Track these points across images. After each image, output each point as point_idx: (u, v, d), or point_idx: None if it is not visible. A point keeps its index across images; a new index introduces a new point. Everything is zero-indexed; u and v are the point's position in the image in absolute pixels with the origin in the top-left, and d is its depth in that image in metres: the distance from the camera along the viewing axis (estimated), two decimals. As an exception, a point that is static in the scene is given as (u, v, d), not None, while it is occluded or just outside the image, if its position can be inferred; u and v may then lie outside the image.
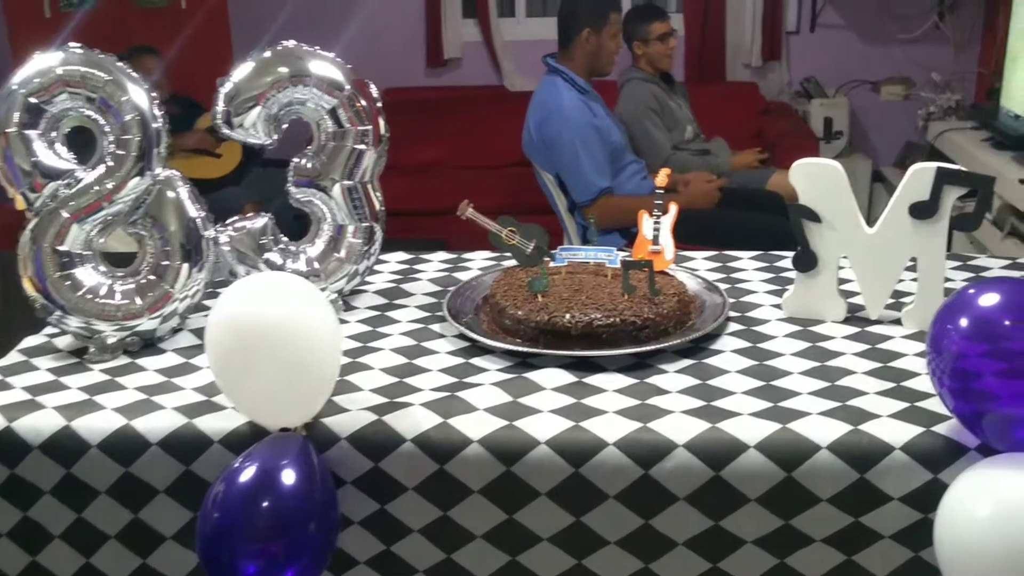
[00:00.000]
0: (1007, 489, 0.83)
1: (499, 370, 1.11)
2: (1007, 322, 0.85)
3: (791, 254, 1.43)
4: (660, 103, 3.69)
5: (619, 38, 3.23)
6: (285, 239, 1.31)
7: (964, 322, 0.87)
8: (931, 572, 0.91)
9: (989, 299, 0.87)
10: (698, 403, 1.01)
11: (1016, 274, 1.33)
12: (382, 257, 1.52)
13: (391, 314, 1.30)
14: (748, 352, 1.13)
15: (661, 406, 1.01)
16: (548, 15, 4.79)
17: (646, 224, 1.31)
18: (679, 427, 0.96)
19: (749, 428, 0.95)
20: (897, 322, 1.18)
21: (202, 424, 1.02)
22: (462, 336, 1.19)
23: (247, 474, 0.94)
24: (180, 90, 3.83)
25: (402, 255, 1.55)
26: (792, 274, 1.35)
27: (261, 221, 1.29)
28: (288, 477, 0.94)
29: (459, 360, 1.15)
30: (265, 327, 0.95)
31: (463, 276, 1.44)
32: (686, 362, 1.12)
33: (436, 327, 1.25)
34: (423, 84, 4.80)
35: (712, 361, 1.11)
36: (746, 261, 1.46)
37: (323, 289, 1.30)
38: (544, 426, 0.98)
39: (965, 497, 0.85)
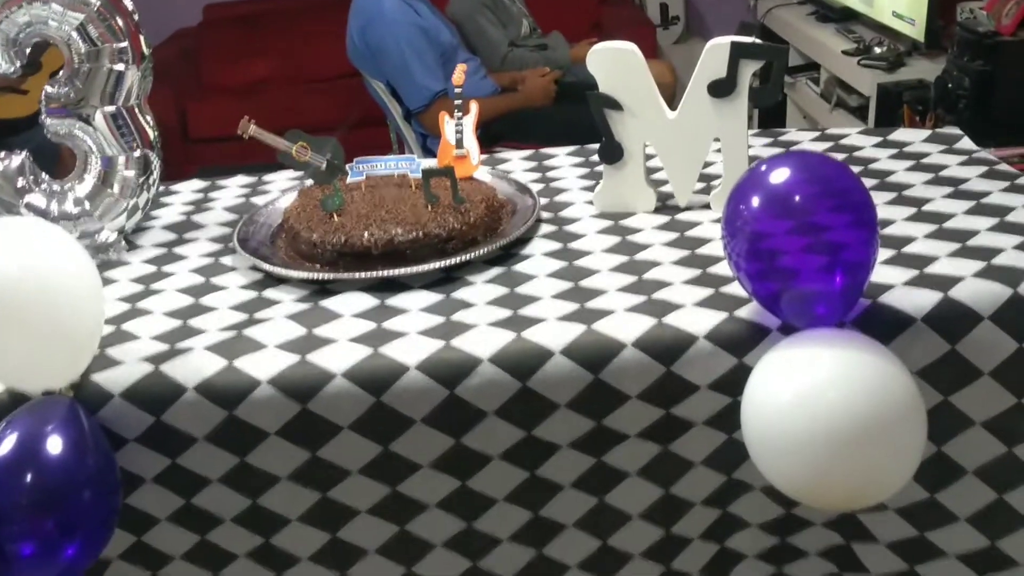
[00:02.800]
0: (806, 368, 0.82)
1: (294, 300, 1.03)
2: (798, 197, 0.83)
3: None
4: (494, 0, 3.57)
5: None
6: (47, 177, 1.17)
7: (757, 200, 0.84)
8: (746, 452, 0.90)
9: (781, 174, 0.84)
10: (505, 313, 0.96)
11: (824, 145, 1.32)
12: (174, 187, 1.40)
13: (179, 250, 1.19)
14: (558, 254, 1.08)
15: (466, 321, 0.95)
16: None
17: (448, 126, 1.23)
18: (484, 341, 0.91)
19: (554, 334, 0.91)
20: (706, 207, 1.16)
21: (-49, 396, 0.90)
22: (255, 268, 1.09)
23: (6, 446, 0.84)
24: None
25: (197, 183, 1.42)
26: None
27: (16, 160, 1.14)
28: (54, 445, 0.85)
29: (251, 294, 1.05)
30: (6, 283, 0.84)
31: (262, 201, 1.33)
32: (495, 271, 1.06)
33: (228, 260, 1.15)
34: (244, -2, 4.49)
35: (521, 267, 1.06)
36: (562, 158, 1.41)
37: (100, 230, 1.17)
38: (340, 357, 0.91)
39: (767, 379, 0.83)
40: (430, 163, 1.23)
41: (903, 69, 2.65)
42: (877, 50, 2.75)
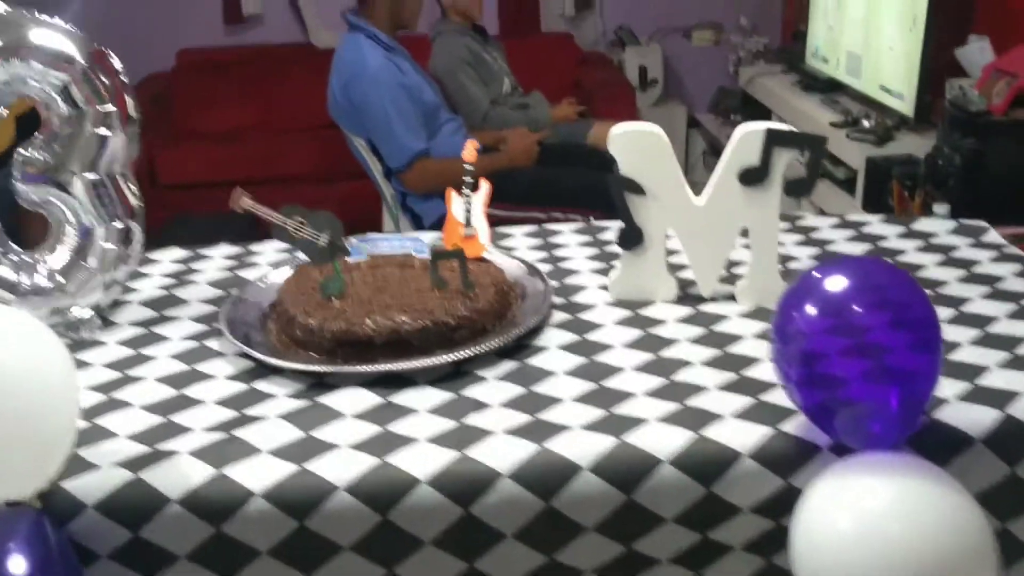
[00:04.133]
0: (865, 497, 0.74)
1: (289, 395, 0.94)
2: (856, 311, 0.76)
3: (615, 224, 1.33)
4: (474, 55, 3.54)
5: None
6: (16, 248, 1.07)
7: (811, 310, 0.77)
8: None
9: (837, 283, 0.77)
10: (523, 418, 0.88)
11: (847, 232, 1.27)
12: (153, 256, 1.30)
13: (160, 329, 1.09)
14: (576, 347, 1.00)
15: (481, 426, 0.86)
16: (352, -34, 4.49)
17: (455, 204, 1.15)
18: (502, 452, 0.82)
19: (582, 446, 0.83)
20: (731, 298, 1.09)
21: (-100, 505, 0.79)
22: (245, 355, 1.00)
23: (-40, 569, 0.73)
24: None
25: (177, 252, 1.32)
26: (618, 248, 1.24)
27: (-19, 229, 1.04)
28: (17, 566, 0.74)
29: (241, 386, 0.96)
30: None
31: (250, 275, 1.24)
32: (508, 365, 0.97)
33: (214, 343, 1.05)
34: (221, 44, 4.43)
35: (536, 361, 0.98)
36: (568, 235, 1.33)
37: (72, 308, 1.07)
38: (342, 466, 0.82)
39: (822, 507, 0.75)
40: (434, 237, 1.15)
41: (891, 143, 2.63)
42: (865, 123, 2.74)
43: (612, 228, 1.33)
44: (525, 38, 4.47)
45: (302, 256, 1.14)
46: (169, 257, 1.30)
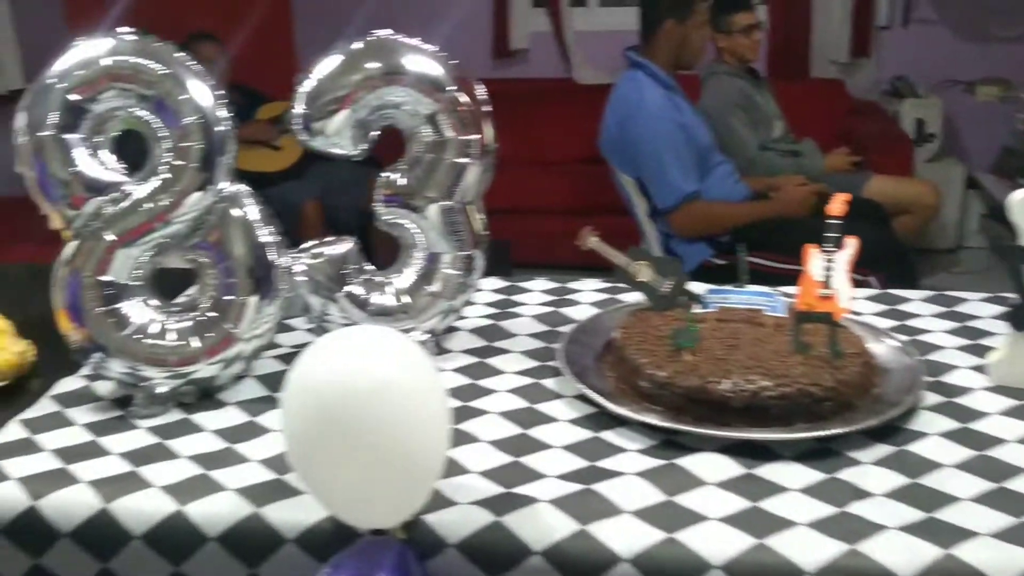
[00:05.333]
0: None
1: (640, 450, 0.88)
2: None
3: (975, 296, 1.19)
4: (747, 98, 3.44)
5: (706, 29, 2.98)
6: (371, 267, 1.09)
7: None
8: None
9: None
10: (916, 515, 0.77)
11: None
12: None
13: (492, 361, 1.08)
14: (959, 436, 0.89)
15: (868, 517, 0.77)
16: (621, 4, 4.53)
17: (814, 260, 1.06)
18: (900, 557, 0.72)
19: (990, 552, 0.71)
20: None
21: (272, 515, 0.80)
22: (585, 398, 0.96)
23: (334, 593, 0.72)
24: (238, 79, 3.64)
25: (496, 282, 1.32)
26: (982, 323, 1.11)
27: (344, 247, 1.07)
28: (383, 597, 0.73)
29: (585, 433, 0.92)
30: (361, 402, 0.73)
31: (572, 313, 1.21)
32: (882, 449, 0.87)
33: (550, 383, 1.02)
34: (489, 76, 4.58)
35: (915, 448, 0.87)
36: (919, 304, 1.21)
37: (413, 330, 1.08)
38: (714, 540, 0.75)
39: None
40: (786, 296, 1.06)
41: None
42: None
43: (971, 300, 1.19)
44: (793, 82, 4.31)
45: (625, 299, 1.10)
46: (490, 286, 1.30)
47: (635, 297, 1.18)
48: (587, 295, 1.27)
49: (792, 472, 0.84)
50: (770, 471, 0.84)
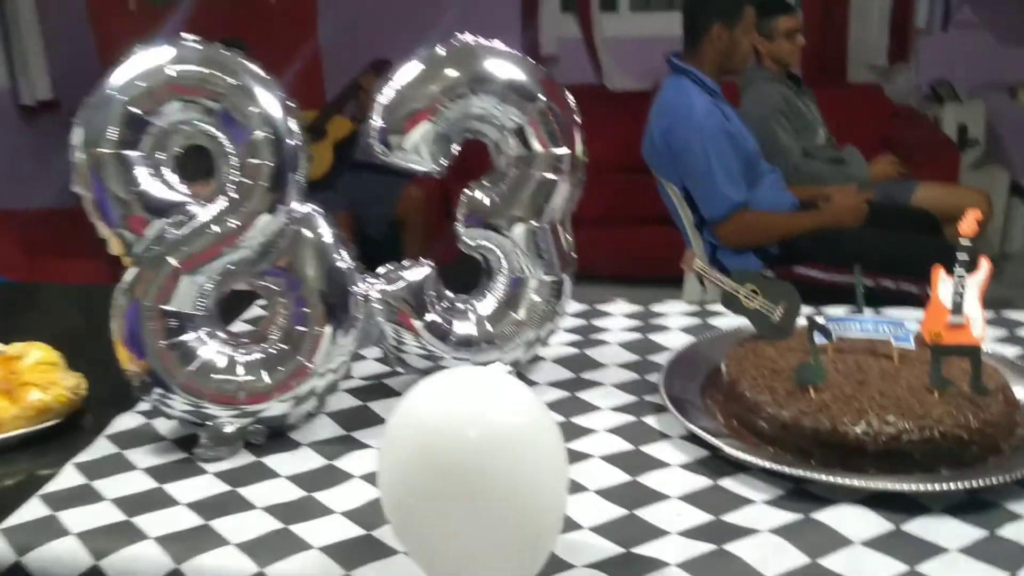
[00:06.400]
0: None
1: (768, 502, 0.79)
2: None
3: None
4: (789, 104, 3.34)
5: (753, 33, 2.88)
6: (451, 294, 1.00)
7: None
8: None
9: None
10: (1099, 580, 0.68)
11: None
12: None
13: (585, 396, 0.99)
14: (1125, 486, 0.79)
15: (1047, 584, 0.68)
16: (652, 10, 4.44)
17: (943, 284, 0.97)
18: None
19: None
20: None
21: (365, 579, 0.71)
22: (696, 439, 0.87)
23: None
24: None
25: (574, 305, 1.23)
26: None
27: (422, 271, 0.98)
28: None
29: (702, 480, 0.82)
30: (478, 450, 0.65)
31: (661, 339, 1.12)
32: (1042, 500, 0.78)
33: (651, 421, 0.93)
34: (518, 82, 4.50)
35: (1078, 500, 0.78)
36: (1040, 328, 1.11)
37: (494, 361, 0.99)
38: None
39: None
40: (910, 322, 0.97)
41: None
42: None
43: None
44: (830, 88, 4.20)
45: (718, 324, 1.00)
46: (569, 310, 1.21)
47: (730, 322, 1.09)
48: (675, 319, 1.18)
49: (948, 530, 0.74)
50: (922, 528, 0.75)
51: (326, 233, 0.92)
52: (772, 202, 2.82)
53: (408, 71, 0.93)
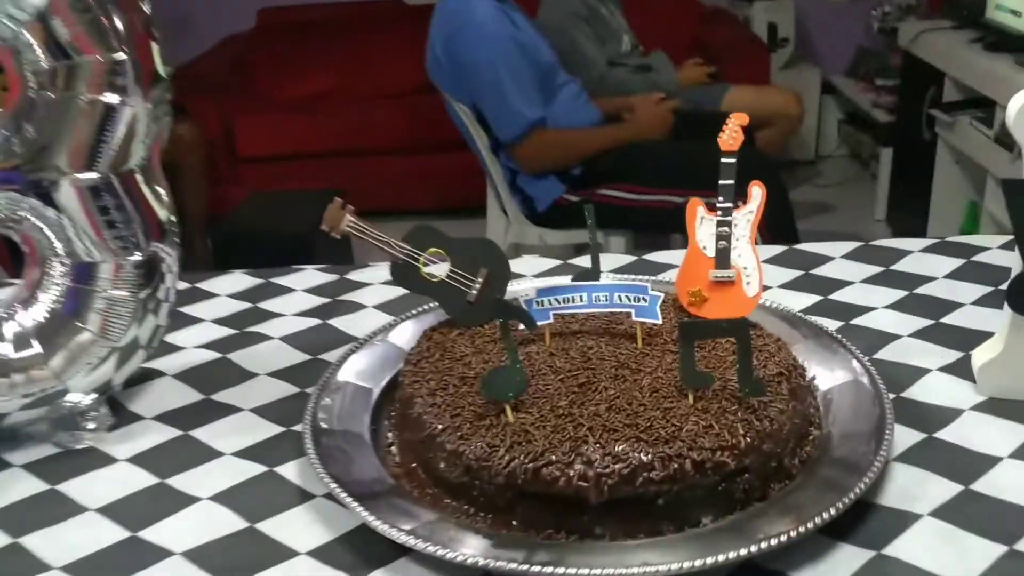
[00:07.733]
0: None
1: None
2: None
3: (914, 244, 0.85)
4: (590, 10, 3.06)
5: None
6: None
7: None
8: None
9: None
10: None
11: None
12: (203, 286, 0.87)
13: (198, 435, 0.65)
14: (960, 504, 0.53)
15: None
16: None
17: (702, 226, 0.67)
18: None
19: None
20: None
21: None
22: (342, 503, 0.55)
23: None
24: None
25: (240, 279, 0.88)
26: (938, 289, 0.77)
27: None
28: None
29: (329, 571, 0.51)
30: None
31: (348, 326, 0.79)
32: (849, 555, 0.51)
33: (290, 470, 0.61)
34: (303, 2, 4.03)
35: (894, 552, 0.51)
36: (841, 264, 0.85)
37: (63, 392, 0.64)
38: None
39: None
40: (664, 284, 0.68)
41: None
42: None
43: (912, 252, 0.84)
44: (638, -9, 3.95)
45: (431, 303, 0.70)
46: (226, 289, 0.86)
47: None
48: (373, 293, 0.85)
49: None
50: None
51: None
52: (572, 118, 2.53)
53: None
